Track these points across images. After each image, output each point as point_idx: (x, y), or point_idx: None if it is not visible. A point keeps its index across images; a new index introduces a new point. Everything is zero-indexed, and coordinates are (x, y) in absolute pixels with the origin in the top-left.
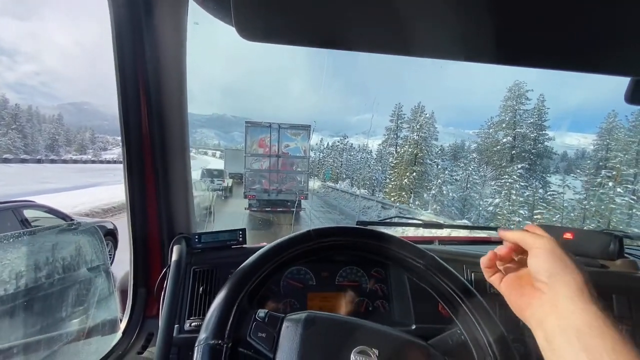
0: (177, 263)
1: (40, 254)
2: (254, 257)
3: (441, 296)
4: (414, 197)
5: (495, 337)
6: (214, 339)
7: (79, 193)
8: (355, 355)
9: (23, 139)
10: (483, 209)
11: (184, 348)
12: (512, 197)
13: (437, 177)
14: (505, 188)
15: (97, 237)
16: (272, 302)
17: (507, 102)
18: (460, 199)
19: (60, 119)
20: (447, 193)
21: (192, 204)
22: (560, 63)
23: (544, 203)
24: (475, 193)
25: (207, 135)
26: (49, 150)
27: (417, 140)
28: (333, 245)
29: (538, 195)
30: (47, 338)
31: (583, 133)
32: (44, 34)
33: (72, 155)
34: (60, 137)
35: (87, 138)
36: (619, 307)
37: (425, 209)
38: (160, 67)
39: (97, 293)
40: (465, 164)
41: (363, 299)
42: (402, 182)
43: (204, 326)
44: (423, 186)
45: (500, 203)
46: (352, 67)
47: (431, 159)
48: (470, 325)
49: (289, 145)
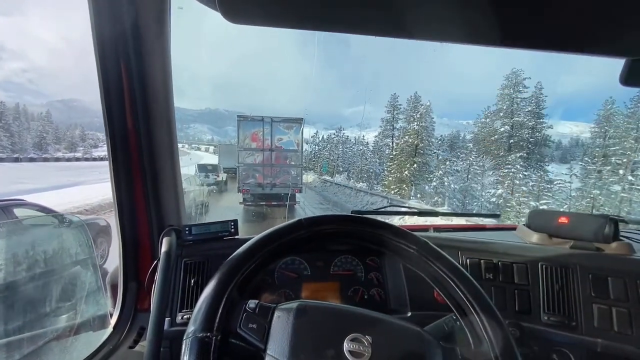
0: (167, 255)
1: (20, 247)
2: (243, 247)
3: (435, 282)
4: (415, 190)
5: (491, 321)
6: (203, 332)
7: (61, 193)
8: (348, 343)
9: (10, 137)
10: (485, 200)
11: (176, 341)
12: (515, 187)
13: (438, 168)
14: (508, 178)
15: (82, 231)
16: (267, 293)
17: (504, 91)
18: (461, 191)
19: (48, 117)
20: (448, 184)
21: (182, 196)
22: (556, 44)
23: (549, 193)
24: (476, 184)
25: (200, 130)
26: (36, 148)
27: (417, 130)
28: (325, 233)
29: (543, 185)
30: (33, 335)
31: (575, 121)
32: (29, 28)
33: (62, 153)
34: (49, 135)
35: (77, 135)
36: (614, 290)
37: (427, 202)
38: (144, 55)
39: (85, 288)
40: (465, 154)
41: (358, 288)
42: (403, 174)
43: (192, 318)
44: (424, 178)
45: (503, 193)
46: (343, 58)
47: (431, 149)
48: (465, 311)
49: (282, 138)
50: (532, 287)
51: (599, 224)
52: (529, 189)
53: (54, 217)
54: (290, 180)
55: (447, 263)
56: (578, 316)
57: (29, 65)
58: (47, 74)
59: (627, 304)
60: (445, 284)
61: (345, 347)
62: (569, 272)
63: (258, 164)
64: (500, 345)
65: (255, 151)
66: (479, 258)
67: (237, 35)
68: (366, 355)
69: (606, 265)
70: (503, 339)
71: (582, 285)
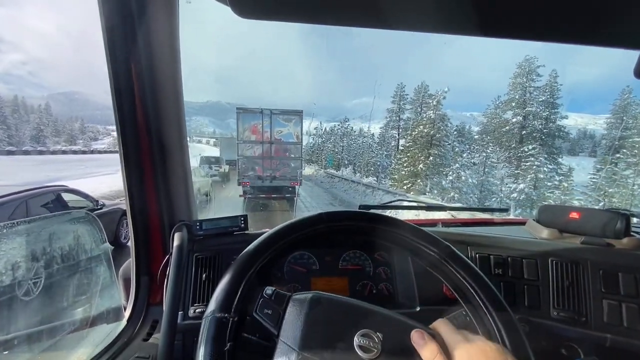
0: (179, 250)
1: (37, 244)
2: (267, 234)
3: (455, 287)
4: (430, 185)
5: (503, 320)
6: (221, 312)
7: None
8: (358, 338)
9: (7, 130)
10: (505, 196)
11: (189, 334)
12: (539, 181)
13: (454, 160)
14: (531, 171)
15: (95, 226)
16: (276, 287)
17: (516, 80)
18: (478, 185)
19: (47, 109)
20: (465, 179)
21: (192, 192)
22: (572, 36)
23: (578, 188)
24: (494, 178)
25: (202, 123)
26: (34, 141)
27: (433, 119)
28: (344, 229)
29: (572, 181)
30: (50, 327)
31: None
32: (27, 20)
33: (60, 146)
34: (48, 128)
35: (77, 128)
36: (625, 285)
37: (444, 198)
38: (153, 50)
39: (100, 282)
40: (482, 145)
41: (367, 282)
42: (417, 167)
43: (212, 299)
44: (439, 172)
45: (525, 188)
46: (348, 50)
47: (449, 140)
48: (477, 309)
49: (282, 131)
50: (541, 282)
51: (610, 219)
52: (554, 184)
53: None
54: (289, 173)
55: (469, 271)
56: (588, 311)
57: (28, 57)
58: (48, 66)
59: (638, 300)
60: (462, 286)
61: (355, 342)
62: (579, 268)
63: (257, 156)
64: (512, 341)
65: (254, 144)
66: (488, 253)
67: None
68: (375, 351)
69: (617, 260)
70: (514, 336)
71: (592, 280)
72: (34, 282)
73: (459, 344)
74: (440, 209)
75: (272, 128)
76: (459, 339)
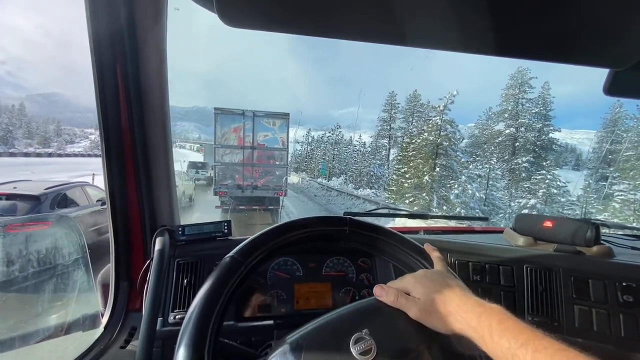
0: (159, 255)
1: (12, 246)
2: (283, 223)
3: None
4: (437, 199)
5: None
6: (236, 255)
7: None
8: (354, 348)
9: None
10: (514, 212)
11: (168, 341)
12: (552, 197)
13: (460, 172)
14: (542, 186)
15: (74, 229)
16: (259, 294)
17: (508, 91)
18: (485, 200)
19: (22, 110)
20: (472, 193)
21: (176, 196)
22: (543, 54)
23: (600, 205)
24: (497, 191)
25: (188, 129)
26: (2, 142)
27: (439, 126)
28: (361, 236)
29: (591, 195)
30: (22, 335)
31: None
32: (7, 18)
33: (33, 148)
34: (20, 130)
35: (52, 130)
36: (594, 291)
37: (450, 212)
38: (140, 54)
39: (77, 287)
40: (486, 157)
41: (350, 289)
42: (422, 179)
43: (194, 303)
44: (445, 184)
45: (537, 204)
46: (335, 59)
47: (456, 149)
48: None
49: (267, 135)
50: (517, 288)
51: (581, 228)
52: (571, 200)
53: None
54: (273, 182)
55: None
56: (560, 317)
57: (6, 56)
58: (28, 66)
59: (606, 306)
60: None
61: (354, 353)
62: (552, 274)
63: (238, 163)
64: None
65: (234, 149)
66: (467, 260)
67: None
68: (373, 348)
69: (587, 268)
70: None
71: (564, 287)
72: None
73: (407, 279)
74: (422, 218)
75: (254, 132)
76: (409, 276)
